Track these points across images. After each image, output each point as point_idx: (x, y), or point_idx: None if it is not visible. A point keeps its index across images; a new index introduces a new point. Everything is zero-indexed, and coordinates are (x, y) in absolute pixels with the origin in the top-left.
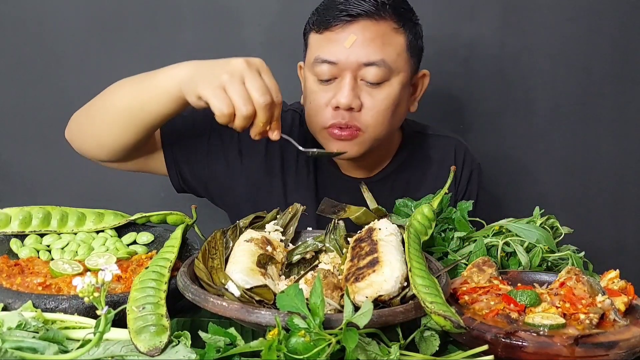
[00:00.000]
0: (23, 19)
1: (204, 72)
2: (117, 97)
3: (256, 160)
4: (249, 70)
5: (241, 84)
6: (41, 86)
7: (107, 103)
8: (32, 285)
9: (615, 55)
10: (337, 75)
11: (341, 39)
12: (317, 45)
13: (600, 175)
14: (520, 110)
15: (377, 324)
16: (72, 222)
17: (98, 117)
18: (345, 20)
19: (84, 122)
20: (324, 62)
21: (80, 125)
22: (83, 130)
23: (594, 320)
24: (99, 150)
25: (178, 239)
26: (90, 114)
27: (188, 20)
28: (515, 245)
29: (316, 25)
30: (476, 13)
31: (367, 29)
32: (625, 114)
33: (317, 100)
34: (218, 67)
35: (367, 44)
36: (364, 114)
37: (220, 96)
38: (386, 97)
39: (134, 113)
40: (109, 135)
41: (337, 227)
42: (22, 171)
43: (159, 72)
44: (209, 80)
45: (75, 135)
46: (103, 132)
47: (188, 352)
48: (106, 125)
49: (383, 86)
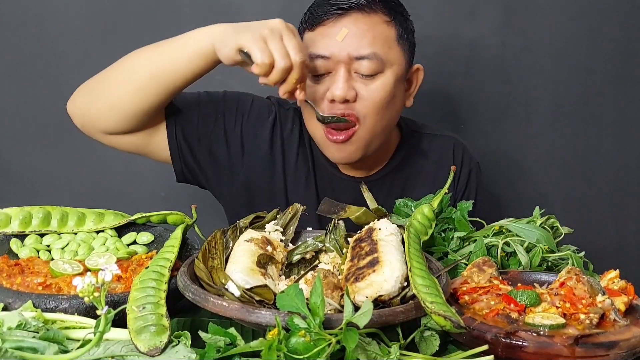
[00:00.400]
0: (23, 18)
1: (242, 28)
2: (140, 62)
3: (257, 158)
4: (287, 30)
5: (280, 40)
6: (41, 86)
7: (126, 67)
8: (32, 285)
9: (616, 55)
10: (331, 69)
11: (333, 33)
12: (311, 42)
13: (600, 175)
14: (521, 110)
15: (377, 324)
16: (72, 222)
17: (114, 82)
18: (337, 14)
19: (96, 90)
20: (318, 57)
21: (89, 95)
22: (94, 98)
23: (594, 320)
24: (109, 117)
25: (178, 239)
26: (105, 80)
27: (188, 20)
28: (515, 245)
29: (309, 23)
30: (477, 13)
31: (359, 21)
32: (626, 114)
33: (312, 94)
34: (257, 24)
35: (358, 36)
36: (359, 104)
37: (262, 47)
38: (380, 87)
39: (160, 75)
40: (127, 100)
41: (337, 227)
42: (22, 171)
43: (186, 34)
44: (251, 33)
45: (82, 105)
46: (118, 95)
47: (188, 352)
48: (123, 89)
49: (377, 78)
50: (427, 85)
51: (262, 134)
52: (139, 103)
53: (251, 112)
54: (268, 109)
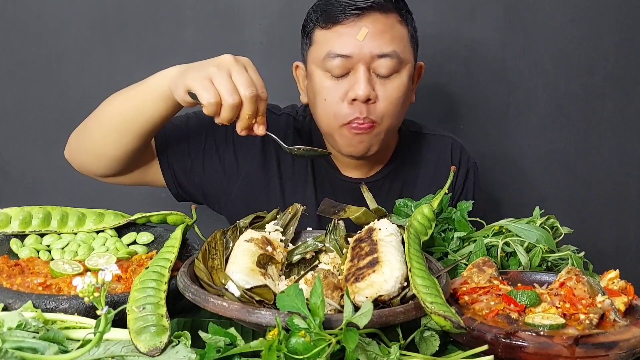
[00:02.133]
0: (23, 18)
1: (192, 68)
2: (111, 107)
3: (252, 162)
4: (235, 64)
5: (228, 76)
6: (42, 86)
7: (103, 114)
8: (32, 285)
9: (616, 56)
10: (350, 69)
11: (353, 33)
12: (327, 40)
13: (600, 176)
14: (521, 110)
15: (377, 324)
16: (72, 222)
17: (95, 130)
18: (355, 14)
19: (82, 138)
20: (338, 56)
21: (78, 142)
22: (81, 145)
23: (594, 320)
24: (98, 163)
25: (178, 239)
26: (87, 129)
27: (189, 20)
28: (515, 245)
29: (322, 21)
30: (477, 13)
31: (378, 21)
32: (626, 114)
33: (331, 96)
34: (206, 63)
35: (378, 36)
36: (378, 106)
37: (208, 86)
38: (397, 87)
39: (128, 119)
40: (106, 146)
41: (337, 227)
42: (22, 171)
43: (150, 78)
44: (197, 73)
45: (74, 153)
46: (100, 143)
47: (188, 352)
48: (102, 136)
49: (394, 77)
50: (428, 85)
51: (255, 143)
52: (120, 148)
53: None
54: None
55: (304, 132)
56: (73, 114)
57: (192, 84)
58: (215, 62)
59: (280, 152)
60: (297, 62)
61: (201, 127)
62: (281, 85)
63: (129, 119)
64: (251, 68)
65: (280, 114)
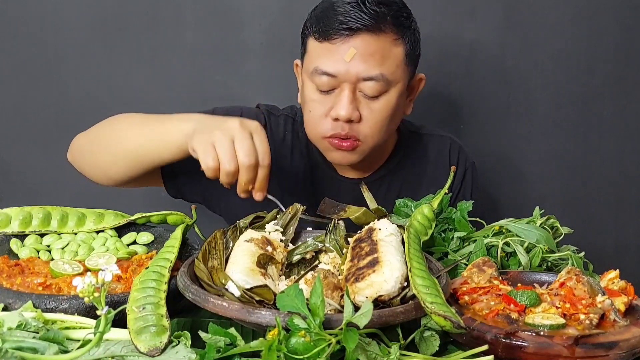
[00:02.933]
0: (23, 18)
1: (201, 131)
2: (126, 138)
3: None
4: (240, 131)
5: (230, 142)
6: (42, 86)
7: (115, 142)
8: (32, 285)
9: (616, 56)
10: (336, 86)
11: (341, 52)
12: (316, 54)
13: (600, 176)
14: (521, 111)
15: (377, 324)
16: (72, 222)
17: (104, 153)
18: (345, 34)
19: (88, 152)
20: (324, 74)
21: (83, 154)
22: (87, 159)
23: (594, 320)
24: (104, 179)
25: (178, 239)
26: (95, 146)
27: (189, 20)
28: (515, 245)
29: (316, 32)
30: (477, 14)
31: (367, 43)
32: (626, 115)
33: (315, 109)
34: (215, 125)
35: (366, 58)
36: (362, 125)
37: (208, 151)
38: (384, 108)
39: (141, 155)
40: (114, 169)
41: (337, 227)
42: (22, 171)
43: (168, 121)
44: (203, 135)
45: (78, 161)
46: (109, 165)
47: (188, 352)
48: (112, 162)
49: (381, 98)
50: (427, 86)
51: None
52: (128, 174)
53: None
54: (257, 119)
55: (301, 134)
56: (73, 114)
57: (196, 147)
58: (222, 126)
59: (280, 153)
60: (297, 61)
61: None
62: (281, 85)
63: (142, 155)
64: (258, 134)
65: (279, 115)
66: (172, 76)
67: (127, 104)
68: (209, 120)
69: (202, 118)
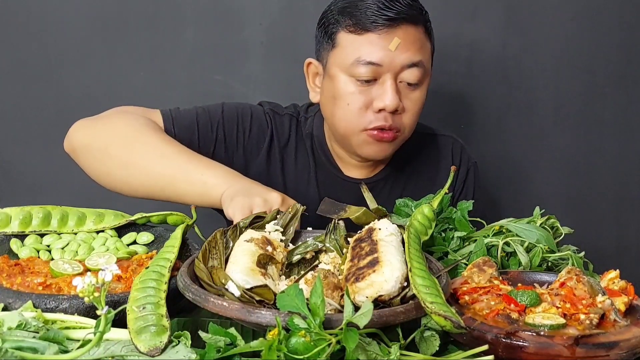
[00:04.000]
0: (23, 18)
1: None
2: (148, 168)
3: (259, 164)
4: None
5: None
6: (42, 86)
7: (133, 164)
8: (32, 285)
9: (617, 56)
10: (378, 76)
11: (385, 41)
12: (357, 46)
13: (601, 176)
14: (522, 110)
15: (378, 324)
16: (72, 222)
17: (117, 168)
18: (388, 24)
19: (96, 159)
20: (368, 64)
21: (89, 155)
22: (93, 164)
23: (594, 320)
24: (107, 186)
25: (178, 239)
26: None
27: (189, 19)
28: (515, 245)
29: (351, 25)
30: (478, 13)
31: (408, 33)
32: (627, 115)
33: (354, 102)
34: (256, 191)
35: (408, 46)
36: (404, 116)
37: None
38: (421, 98)
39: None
40: (125, 188)
41: (337, 227)
42: (22, 171)
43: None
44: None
45: (81, 158)
46: (119, 181)
47: (188, 352)
48: (129, 186)
49: (419, 87)
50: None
51: (263, 145)
52: (138, 193)
53: (252, 127)
54: (265, 119)
55: (306, 133)
56: (73, 114)
57: (232, 213)
58: (264, 195)
59: (285, 153)
60: (310, 59)
61: (211, 127)
62: (281, 85)
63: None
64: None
65: (284, 115)
66: (172, 76)
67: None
68: (249, 185)
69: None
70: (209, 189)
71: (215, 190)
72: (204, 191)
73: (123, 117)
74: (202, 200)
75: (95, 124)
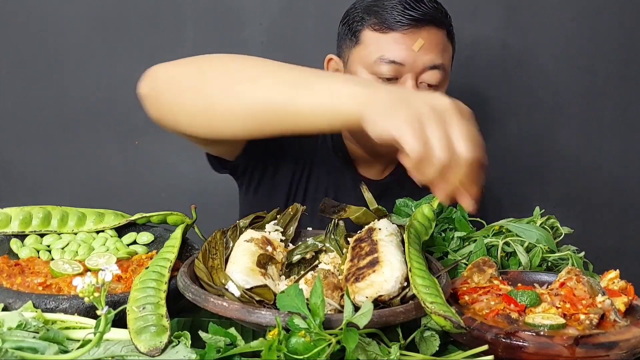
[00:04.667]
0: (23, 18)
1: (397, 101)
2: (260, 86)
3: (290, 165)
4: (456, 114)
5: (443, 125)
6: (42, 86)
7: (241, 86)
8: (32, 285)
9: (618, 56)
10: (399, 76)
11: (409, 42)
12: (381, 44)
13: (601, 176)
14: (522, 110)
15: (378, 324)
16: (72, 222)
17: (217, 94)
18: (413, 24)
19: (188, 88)
20: (391, 63)
21: (174, 88)
22: (179, 97)
23: (594, 320)
24: (191, 127)
25: (178, 239)
26: (201, 84)
27: (189, 19)
28: (515, 245)
29: (376, 23)
30: (478, 13)
31: (433, 34)
32: (628, 115)
33: None
34: (417, 98)
35: (431, 48)
36: None
37: (417, 132)
38: None
39: (280, 114)
40: (220, 121)
41: (337, 227)
42: (22, 171)
43: (317, 78)
44: (406, 110)
45: (162, 96)
46: (215, 114)
47: (188, 352)
48: (224, 111)
49: (438, 90)
50: None
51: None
52: (240, 136)
53: None
54: None
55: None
56: (73, 113)
57: (399, 130)
58: (431, 102)
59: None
60: (332, 55)
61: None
62: None
63: (280, 114)
64: (473, 123)
65: None
66: None
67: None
68: (396, 90)
69: (378, 85)
70: (341, 98)
71: (349, 100)
72: (335, 103)
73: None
74: (341, 118)
75: (183, 61)
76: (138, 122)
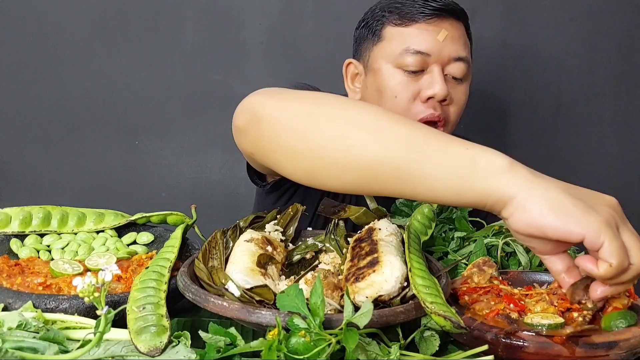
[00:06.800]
0: (23, 18)
1: (575, 198)
2: (374, 143)
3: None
4: (623, 218)
5: (628, 229)
6: (42, 86)
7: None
8: (32, 285)
9: (617, 56)
10: (425, 67)
11: (433, 32)
12: (405, 36)
13: (601, 176)
14: (521, 110)
15: (378, 324)
16: (72, 222)
17: (327, 154)
18: (437, 14)
19: (292, 139)
20: (417, 53)
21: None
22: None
23: (587, 317)
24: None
25: (178, 239)
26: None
27: (189, 19)
28: (515, 245)
29: (397, 19)
30: (478, 13)
31: (455, 27)
32: (627, 115)
33: (402, 93)
34: (594, 199)
35: (455, 40)
36: (450, 108)
37: (617, 242)
38: (465, 92)
39: (395, 177)
40: (327, 178)
41: (337, 227)
42: (22, 171)
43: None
44: (597, 214)
45: (261, 141)
46: (325, 173)
47: (188, 352)
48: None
49: (462, 83)
50: None
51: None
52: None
53: None
54: None
55: None
56: (73, 114)
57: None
58: (610, 203)
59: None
60: (350, 60)
61: None
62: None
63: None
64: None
65: None
66: (172, 76)
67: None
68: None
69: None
70: (480, 172)
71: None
72: (468, 176)
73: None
74: (457, 192)
75: (282, 95)
76: (138, 122)
